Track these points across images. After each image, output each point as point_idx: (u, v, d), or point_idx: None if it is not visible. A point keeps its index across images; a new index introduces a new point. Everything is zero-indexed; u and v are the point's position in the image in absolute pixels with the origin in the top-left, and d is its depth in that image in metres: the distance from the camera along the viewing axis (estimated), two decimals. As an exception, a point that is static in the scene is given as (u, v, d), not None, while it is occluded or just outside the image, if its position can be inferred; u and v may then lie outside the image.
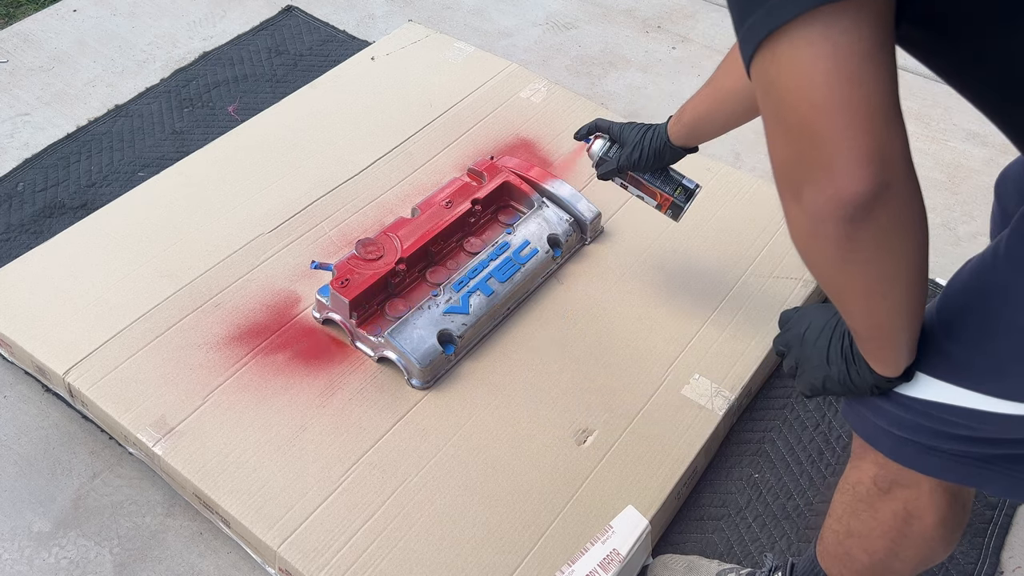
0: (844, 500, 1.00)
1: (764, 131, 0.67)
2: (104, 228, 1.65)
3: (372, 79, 2.00)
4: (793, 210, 0.68)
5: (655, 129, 1.36)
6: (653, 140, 1.35)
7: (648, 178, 1.43)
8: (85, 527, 1.38)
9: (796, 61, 0.61)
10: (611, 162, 1.41)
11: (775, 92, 0.64)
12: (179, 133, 2.02)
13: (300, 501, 1.29)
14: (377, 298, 1.49)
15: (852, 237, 0.65)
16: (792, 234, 0.71)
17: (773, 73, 0.63)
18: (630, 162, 1.38)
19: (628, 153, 1.38)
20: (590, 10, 2.45)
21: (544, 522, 1.29)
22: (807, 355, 0.91)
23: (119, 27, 2.32)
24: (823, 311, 0.91)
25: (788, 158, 0.66)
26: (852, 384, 0.86)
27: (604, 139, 1.43)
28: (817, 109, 0.61)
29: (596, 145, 1.44)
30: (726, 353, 1.51)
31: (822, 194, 0.64)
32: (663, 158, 1.37)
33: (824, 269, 0.72)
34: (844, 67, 0.60)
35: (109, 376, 1.42)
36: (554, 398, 1.44)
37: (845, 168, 0.62)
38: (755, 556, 1.36)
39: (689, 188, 1.44)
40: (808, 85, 0.61)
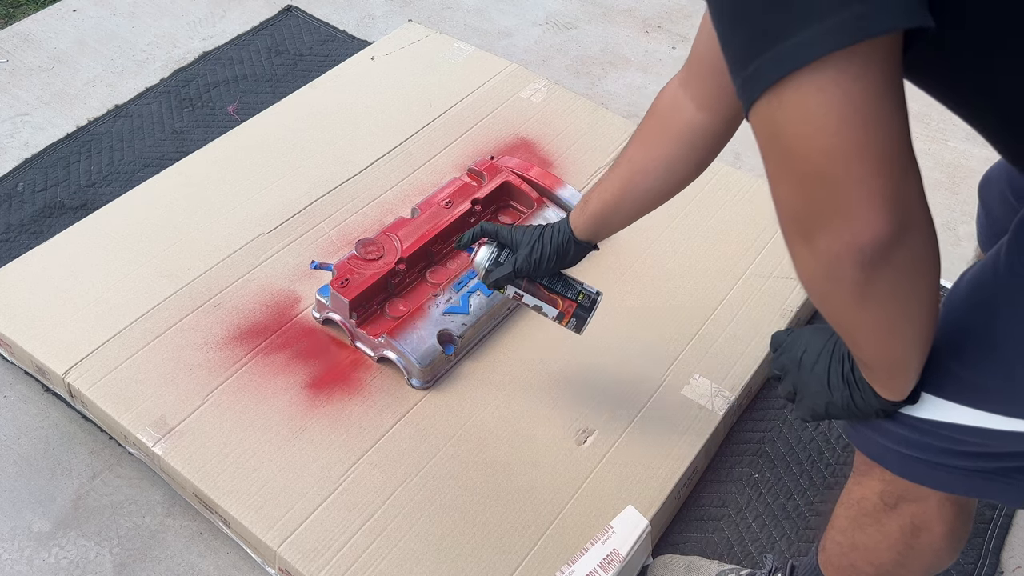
0: (849, 515, 0.99)
1: (767, 176, 0.66)
2: (104, 228, 1.65)
3: (372, 79, 2.00)
4: (803, 254, 0.67)
5: (554, 226, 1.22)
6: (555, 237, 1.21)
7: (546, 284, 1.26)
8: (85, 527, 1.38)
9: (806, 108, 0.60)
10: (505, 267, 1.23)
11: (782, 139, 0.62)
12: (179, 133, 2.02)
13: (300, 501, 1.29)
14: (377, 298, 1.49)
15: (870, 280, 0.65)
16: (802, 276, 0.69)
17: (780, 119, 0.61)
18: (529, 263, 1.21)
19: (527, 254, 1.21)
20: (590, 10, 2.45)
21: (544, 522, 1.29)
22: (806, 380, 0.89)
23: (119, 27, 2.32)
24: (819, 334, 0.90)
25: (797, 204, 0.65)
26: (856, 409, 0.85)
27: (490, 245, 1.26)
28: (830, 156, 0.60)
29: (481, 253, 1.25)
30: (726, 353, 1.51)
31: (838, 240, 0.63)
32: (566, 256, 1.22)
33: (838, 310, 0.71)
34: (857, 112, 0.59)
35: (109, 376, 1.42)
36: (554, 398, 1.44)
37: (862, 213, 0.61)
38: (755, 556, 1.36)
39: (591, 294, 1.28)
40: (820, 132, 0.60)
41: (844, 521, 1.00)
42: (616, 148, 1.85)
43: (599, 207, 1.16)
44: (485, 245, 1.26)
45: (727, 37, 0.65)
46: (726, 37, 0.65)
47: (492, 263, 1.25)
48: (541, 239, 1.22)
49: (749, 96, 0.63)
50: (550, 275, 1.26)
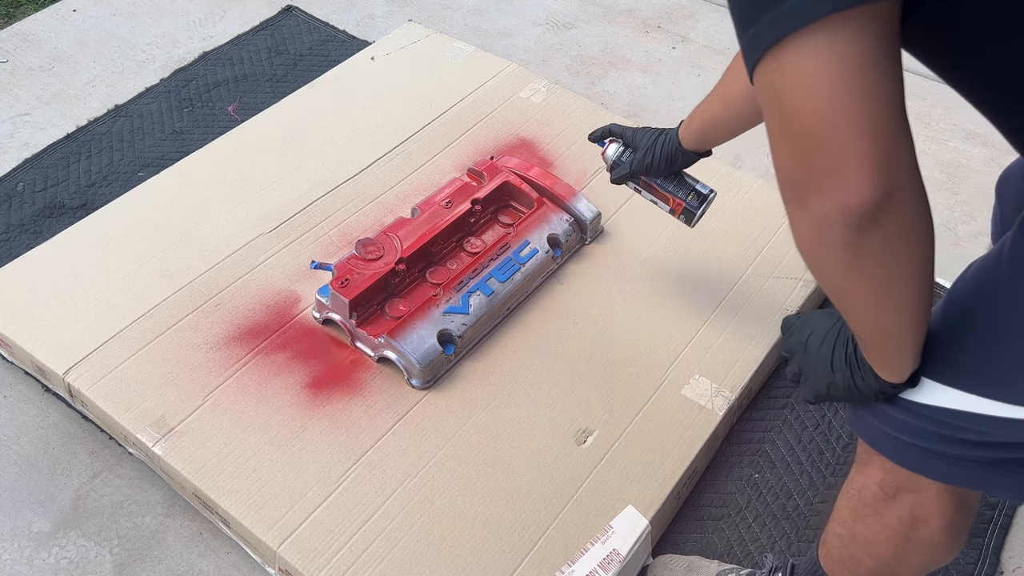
0: (849, 505, 1.00)
1: (767, 137, 0.67)
2: (104, 228, 1.65)
3: (372, 79, 2.00)
4: (797, 216, 0.68)
5: (667, 133, 1.35)
6: (665, 144, 1.35)
7: (660, 183, 1.42)
8: (85, 527, 1.38)
9: (801, 71, 0.61)
10: (624, 166, 1.40)
11: (779, 101, 0.63)
12: (179, 133, 2.02)
13: (300, 501, 1.29)
14: (377, 298, 1.49)
15: (858, 244, 0.66)
16: (796, 239, 0.71)
17: (777, 82, 0.63)
18: (642, 166, 1.37)
19: (640, 157, 1.37)
20: (590, 10, 2.45)
21: (544, 522, 1.29)
22: (810, 362, 0.90)
23: (119, 27, 2.32)
24: (826, 317, 0.91)
25: (792, 166, 0.66)
26: (857, 391, 0.86)
27: (618, 143, 1.43)
28: (822, 118, 0.61)
29: (610, 149, 1.43)
30: (726, 353, 1.51)
31: (828, 201, 0.64)
32: (675, 162, 1.36)
33: (829, 275, 0.72)
34: (849, 77, 0.60)
35: (109, 376, 1.42)
36: (554, 398, 1.44)
37: (851, 176, 0.62)
38: (755, 556, 1.36)
39: (703, 193, 1.42)
40: (813, 95, 0.61)
41: (845, 512, 1.01)
42: (616, 148, 1.85)
43: (701, 124, 1.28)
44: (614, 142, 1.43)
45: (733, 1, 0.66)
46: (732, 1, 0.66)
47: (618, 158, 1.42)
48: (654, 145, 1.36)
49: (750, 59, 0.64)
50: (665, 175, 1.40)
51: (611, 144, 1.44)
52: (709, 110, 1.26)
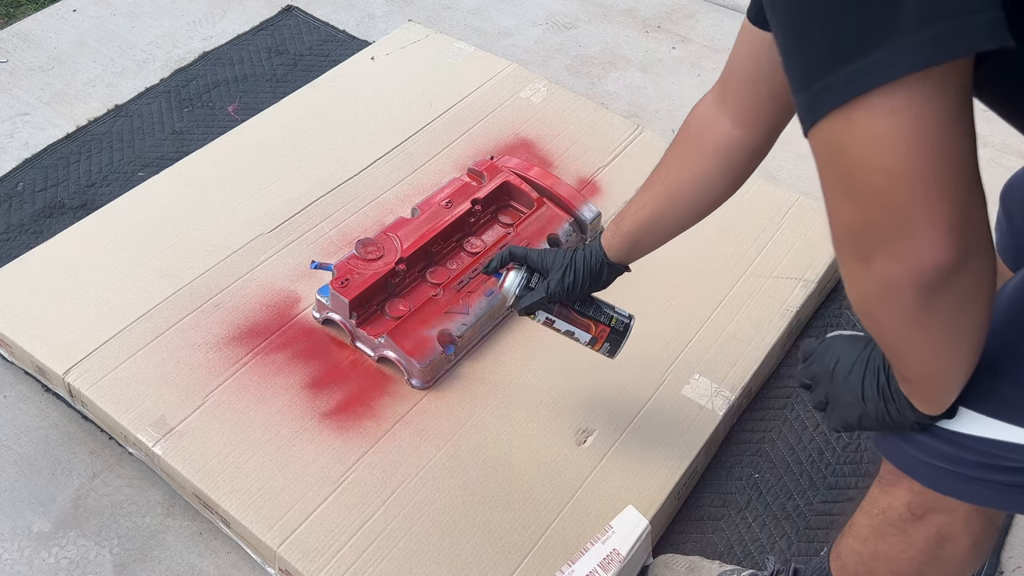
0: (872, 524, 0.97)
1: (824, 195, 0.66)
2: (104, 228, 1.65)
3: (372, 79, 2.00)
4: (858, 274, 0.66)
5: (586, 248, 1.19)
6: (587, 259, 1.18)
7: (579, 308, 1.24)
8: (85, 527, 1.38)
9: (875, 130, 0.59)
10: (536, 292, 1.20)
11: (846, 158, 0.61)
12: (179, 133, 2.02)
13: (300, 501, 1.29)
14: (377, 298, 1.49)
15: (926, 305, 0.64)
16: (854, 295, 0.69)
17: (846, 139, 0.61)
18: (563, 287, 1.18)
19: (559, 278, 1.18)
20: (590, 10, 2.45)
21: (544, 522, 1.29)
22: (838, 392, 0.88)
23: (119, 27, 2.32)
24: (852, 343, 0.89)
25: (857, 225, 0.64)
26: (891, 420, 0.84)
27: (519, 270, 1.22)
28: (896, 179, 0.59)
29: (510, 279, 1.22)
30: (726, 353, 1.51)
31: (899, 263, 0.62)
32: (599, 278, 1.20)
33: (889, 332, 0.71)
34: (927, 136, 0.58)
35: (109, 376, 1.42)
36: (554, 398, 1.43)
37: (926, 239, 0.60)
38: (755, 556, 1.36)
39: (623, 318, 1.26)
40: (887, 155, 0.59)
41: (866, 530, 0.99)
42: (616, 148, 1.85)
43: (633, 228, 1.14)
44: (514, 270, 1.22)
45: (792, 54, 0.63)
46: (791, 54, 0.64)
47: (522, 288, 1.21)
48: (573, 262, 1.19)
49: (813, 115, 0.62)
50: (582, 299, 1.23)
51: (509, 272, 1.23)
52: (643, 212, 1.12)
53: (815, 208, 1.74)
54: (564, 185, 1.68)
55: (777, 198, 1.75)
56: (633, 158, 1.83)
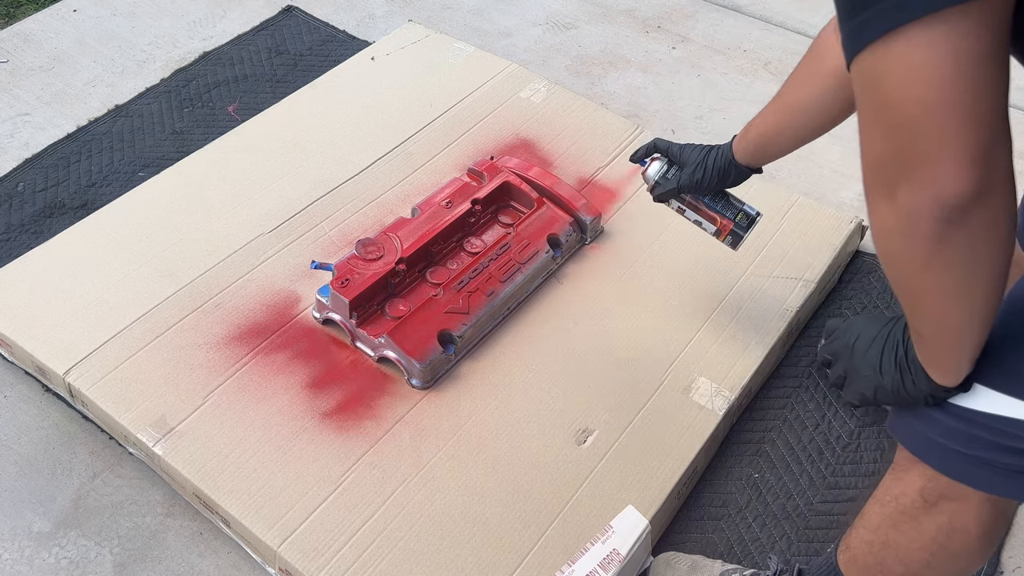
0: (884, 512, 0.98)
1: (859, 130, 0.67)
2: (104, 228, 1.65)
3: (372, 79, 2.00)
4: (883, 207, 0.68)
5: (719, 148, 1.30)
6: (717, 159, 1.29)
7: (708, 202, 1.36)
8: (85, 527, 1.38)
9: (912, 60, 0.61)
10: (670, 182, 1.33)
11: (882, 88, 0.63)
12: (179, 133, 2.02)
13: (300, 501, 1.29)
14: (377, 298, 1.49)
15: (944, 237, 0.65)
16: (876, 232, 0.70)
17: (883, 69, 0.62)
18: (692, 182, 1.31)
19: (690, 172, 1.31)
20: (590, 10, 2.45)
21: (544, 522, 1.29)
22: (857, 365, 0.90)
23: (119, 27, 2.32)
24: (873, 321, 0.90)
25: (886, 155, 0.66)
26: (906, 393, 0.85)
27: (661, 160, 1.36)
28: (928, 108, 0.61)
29: (652, 167, 1.36)
30: (726, 353, 1.51)
31: (921, 191, 0.64)
32: (727, 178, 1.30)
33: (906, 269, 0.72)
34: (961, 68, 0.60)
35: (109, 376, 1.42)
36: (554, 398, 1.43)
37: (950, 167, 0.62)
38: (755, 556, 1.36)
39: (750, 215, 1.37)
40: (922, 84, 0.61)
41: (878, 519, 0.99)
42: (616, 148, 1.85)
43: (757, 136, 1.23)
44: (657, 160, 1.36)
45: None
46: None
47: (661, 177, 1.34)
48: (705, 160, 1.29)
49: (855, 45, 0.64)
50: (712, 193, 1.34)
51: (653, 162, 1.37)
52: (767, 122, 1.21)
53: (815, 208, 1.74)
54: (564, 185, 1.68)
55: (777, 198, 1.75)
56: (633, 158, 1.83)
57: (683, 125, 2.09)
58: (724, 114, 2.12)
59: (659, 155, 1.37)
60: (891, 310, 1.68)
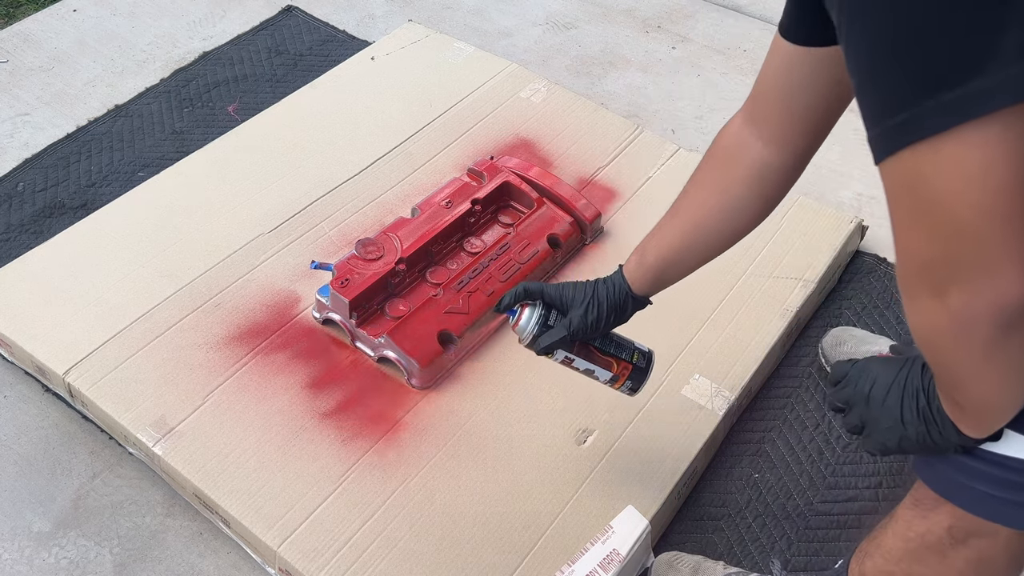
0: (908, 548, 0.95)
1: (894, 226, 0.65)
2: (104, 228, 1.65)
3: (372, 79, 2.00)
4: (931, 306, 0.65)
5: (607, 281, 1.13)
6: (611, 294, 1.12)
7: (599, 345, 1.17)
8: (85, 527, 1.38)
9: (964, 163, 0.58)
10: (557, 331, 1.12)
11: (927, 191, 0.60)
12: (179, 133, 2.02)
13: (300, 501, 1.29)
14: (377, 298, 1.49)
15: (1003, 340, 0.64)
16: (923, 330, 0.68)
17: (929, 171, 0.60)
18: (586, 324, 1.11)
19: (582, 314, 1.11)
20: (590, 10, 2.45)
21: (544, 522, 1.29)
22: (875, 415, 0.86)
23: (119, 27, 2.32)
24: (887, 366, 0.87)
25: (934, 258, 0.63)
26: (933, 444, 0.82)
27: (533, 307, 1.14)
28: (983, 213, 0.59)
29: (526, 316, 1.13)
30: (726, 353, 1.51)
31: (979, 298, 0.62)
32: (624, 314, 1.14)
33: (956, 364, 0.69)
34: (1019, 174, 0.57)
35: (109, 376, 1.42)
36: (554, 398, 1.43)
37: (1010, 274, 0.60)
38: (755, 556, 1.36)
39: (643, 351, 1.20)
40: (975, 189, 0.58)
41: (899, 553, 0.97)
42: (616, 148, 1.85)
43: (658, 259, 1.09)
44: (529, 307, 1.14)
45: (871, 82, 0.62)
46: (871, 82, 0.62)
47: (540, 327, 1.13)
48: (596, 296, 1.12)
49: (893, 145, 0.61)
50: (602, 336, 1.17)
51: (524, 309, 1.14)
52: (670, 242, 1.08)
53: (815, 208, 1.74)
54: (564, 185, 1.68)
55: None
56: (633, 158, 1.84)
57: (683, 125, 2.09)
58: (724, 114, 2.11)
59: (530, 301, 1.15)
60: (891, 311, 1.68)
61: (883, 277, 1.74)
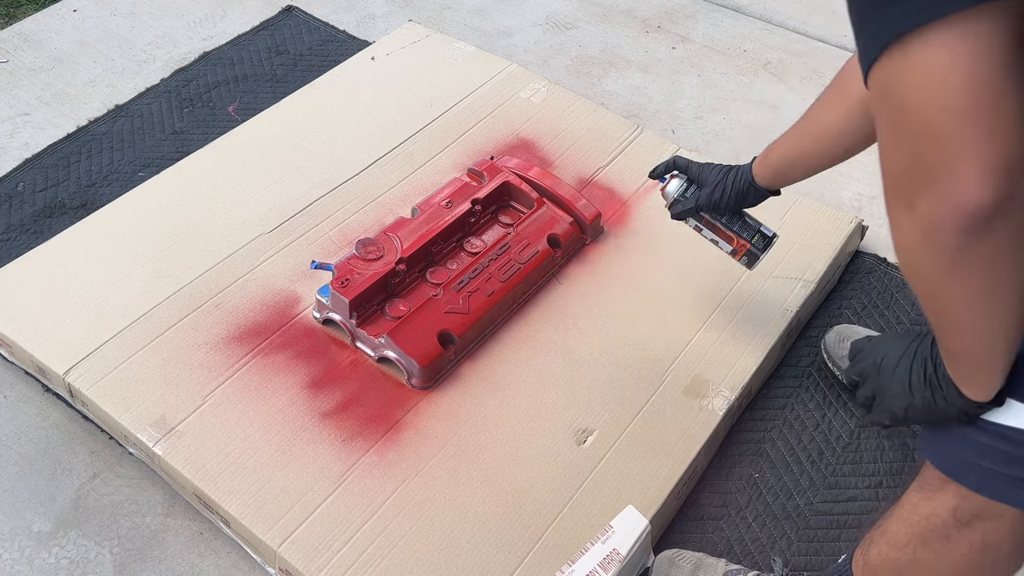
0: (912, 531, 0.96)
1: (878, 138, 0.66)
2: (104, 228, 1.65)
3: (372, 79, 2.00)
4: (903, 219, 0.66)
5: (738, 169, 1.31)
6: (736, 180, 1.30)
7: (725, 221, 1.36)
8: (85, 527, 1.38)
9: (930, 63, 0.59)
10: (689, 201, 1.34)
11: (899, 95, 0.62)
12: (179, 133, 2.02)
13: (300, 501, 1.29)
14: (377, 298, 1.49)
15: (967, 248, 0.64)
16: (898, 244, 0.69)
17: (900, 75, 0.61)
18: (710, 202, 1.32)
19: (709, 192, 1.32)
20: (590, 10, 2.45)
21: (544, 522, 1.29)
22: (885, 384, 0.88)
23: (119, 27, 2.32)
24: (899, 339, 0.89)
25: (905, 165, 0.64)
26: (938, 410, 0.83)
27: (681, 178, 1.37)
28: (948, 113, 0.59)
29: (672, 185, 1.37)
30: (726, 353, 1.51)
31: (942, 202, 0.62)
32: (746, 199, 1.32)
33: (930, 281, 0.70)
34: (981, 72, 0.58)
35: (109, 376, 1.42)
36: (554, 398, 1.43)
37: (971, 176, 0.60)
38: (755, 556, 1.36)
39: (767, 236, 1.38)
40: (941, 88, 0.59)
41: (905, 537, 0.98)
42: (616, 148, 1.85)
43: (779, 159, 1.23)
44: (676, 177, 1.36)
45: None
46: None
47: (680, 195, 1.35)
48: (724, 180, 1.30)
49: (871, 54, 0.63)
50: (729, 214, 1.35)
51: (672, 179, 1.37)
52: (791, 145, 1.21)
53: (815, 208, 1.74)
54: (564, 185, 1.68)
55: (777, 198, 1.74)
56: (633, 158, 1.84)
57: (683, 125, 2.09)
58: (724, 114, 2.12)
59: (678, 172, 1.37)
60: (891, 311, 1.68)
61: (883, 277, 1.74)
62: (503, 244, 1.58)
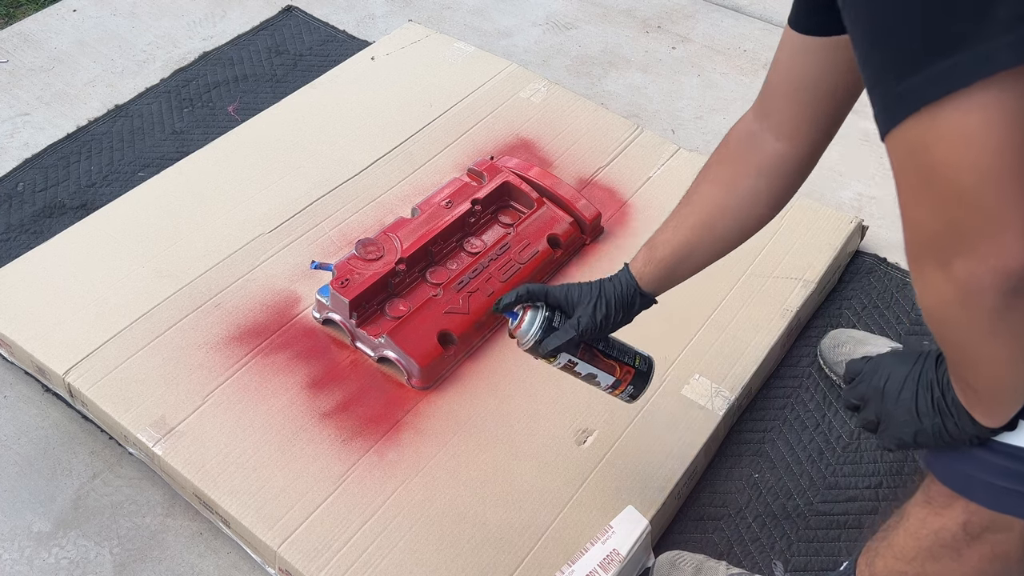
0: (921, 545, 0.95)
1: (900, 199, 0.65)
2: (104, 228, 1.65)
3: (372, 79, 2.00)
4: (935, 276, 0.65)
5: (614, 280, 1.10)
6: (619, 292, 1.09)
7: (603, 348, 1.12)
8: (85, 527, 1.38)
9: (965, 128, 0.59)
10: (565, 332, 1.07)
11: (929, 159, 0.61)
12: (179, 133, 2.02)
13: (300, 501, 1.29)
14: (377, 298, 1.49)
15: (1008, 308, 0.63)
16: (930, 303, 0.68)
17: (931, 138, 0.60)
18: (594, 324, 1.07)
19: (590, 314, 1.07)
20: (590, 10, 2.45)
21: (544, 522, 1.29)
22: (890, 410, 0.86)
23: (119, 27, 2.32)
24: (900, 360, 0.87)
25: (938, 226, 0.63)
26: (949, 436, 0.82)
27: (537, 308, 1.09)
28: (985, 178, 0.59)
29: (529, 319, 1.08)
30: (726, 353, 1.51)
31: (982, 264, 0.62)
32: (631, 312, 1.11)
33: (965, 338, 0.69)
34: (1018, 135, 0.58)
35: (109, 376, 1.42)
36: (554, 398, 1.43)
37: (1013, 239, 0.60)
38: (755, 556, 1.36)
39: (646, 357, 1.17)
40: (977, 153, 0.59)
41: (913, 551, 0.96)
42: (616, 148, 1.85)
43: (669, 255, 1.07)
44: (532, 309, 1.08)
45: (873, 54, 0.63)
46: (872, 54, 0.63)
47: (544, 330, 1.07)
48: (603, 295, 1.08)
49: (896, 115, 0.62)
50: (604, 338, 1.13)
51: (527, 312, 1.09)
52: (680, 239, 1.05)
53: (815, 208, 1.74)
54: (564, 185, 1.68)
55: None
56: (633, 158, 1.84)
57: (683, 125, 2.09)
58: (724, 114, 2.12)
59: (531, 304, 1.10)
60: (891, 311, 1.68)
61: (883, 277, 1.74)
62: (503, 244, 1.58)
